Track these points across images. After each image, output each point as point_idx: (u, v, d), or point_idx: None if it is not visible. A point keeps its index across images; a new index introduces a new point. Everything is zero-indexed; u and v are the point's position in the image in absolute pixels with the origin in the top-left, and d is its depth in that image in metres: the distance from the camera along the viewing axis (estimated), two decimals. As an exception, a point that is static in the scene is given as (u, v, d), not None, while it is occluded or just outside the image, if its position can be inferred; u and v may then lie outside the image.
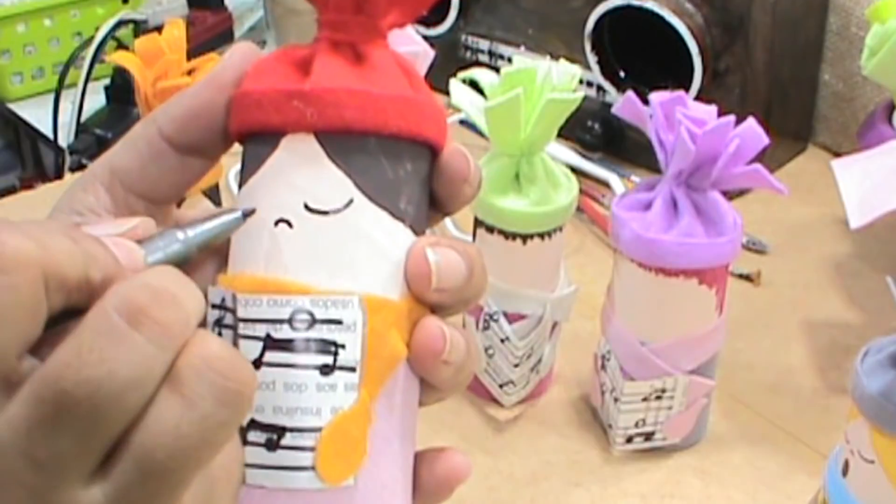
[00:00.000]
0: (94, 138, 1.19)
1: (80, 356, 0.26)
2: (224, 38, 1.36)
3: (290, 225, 0.31)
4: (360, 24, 0.33)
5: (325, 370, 0.31)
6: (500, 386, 0.70)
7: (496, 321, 0.67)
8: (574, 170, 0.73)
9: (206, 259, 0.34)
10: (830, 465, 0.54)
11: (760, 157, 0.59)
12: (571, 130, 0.93)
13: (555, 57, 0.69)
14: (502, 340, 0.68)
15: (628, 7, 0.90)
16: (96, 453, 0.27)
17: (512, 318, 0.67)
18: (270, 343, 0.31)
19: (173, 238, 0.31)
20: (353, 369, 0.31)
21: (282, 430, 0.31)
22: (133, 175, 0.34)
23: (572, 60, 0.66)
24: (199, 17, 1.32)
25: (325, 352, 0.31)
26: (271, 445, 0.31)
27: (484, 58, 1.08)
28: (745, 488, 0.65)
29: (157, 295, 0.27)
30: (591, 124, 0.98)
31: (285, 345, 0.31)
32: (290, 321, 0.31)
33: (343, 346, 0.31)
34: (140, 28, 1.23)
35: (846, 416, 0.51)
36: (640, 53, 0.95)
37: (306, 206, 0.31)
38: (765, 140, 0.59)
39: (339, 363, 0.31)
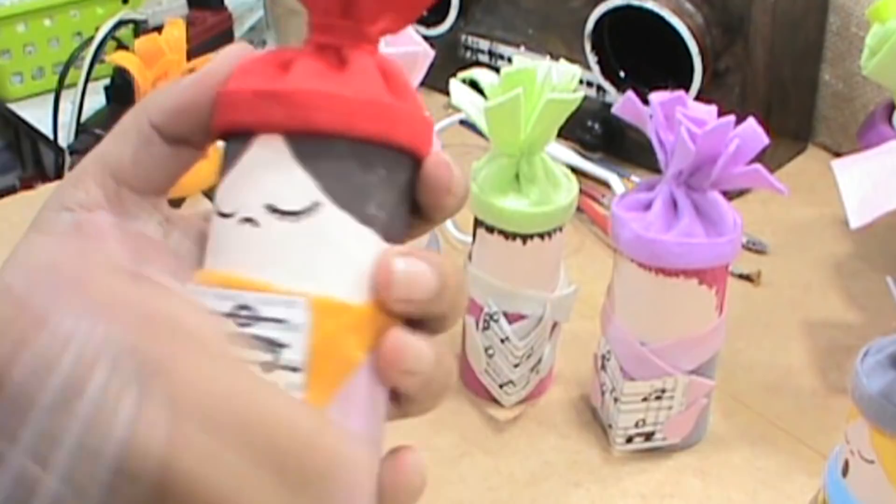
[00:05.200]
0: (94, 138, 1.19)
1: None
2: (224, 38, 1.36)
3: (254, 224, 0.31)
4: (347, 28, 0.32)
5: (266, 367, 0.30)
6: (500, 386, 0.70)
7: (496, 321, 0.67)
8: (574, 170, 0.73)
9: (191, 249, 0.34)
10: (830, 465, 0.54)
11: (760, 157, 0.59)
12: (571, 130, 0.93)
13: (555, 57, 0.69)
14: (502, 340, 0.68)
15: (628, 7, 0.90)
16: None
17: (512, 318, 0.67)
18: None
19: None
20: (295, 369, 0.30)
21: None
22: (124, 166, 0.34)
23: (572, 60, 0.66)
24: (199, 17, 1.32)
25: (265, 350, 0.30)
26: None
27: (484, 58, 1.08)
28: (745, 488, 0.65)
29: None
30: (591, 124, 0.98)
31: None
32: (232, 315, 0.31)
33: (287, 346, 0.30)
34: (140, 28, 1.23)
35: (846, 416, 0.51)
36: (640, 53, 0.95)
37: (271, 207, 0.31)
38: (765, 140, 0.59)
39: (281, 362, 0.30)
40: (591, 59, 0.95)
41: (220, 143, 0.34)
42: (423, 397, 0.33)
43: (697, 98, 0.83)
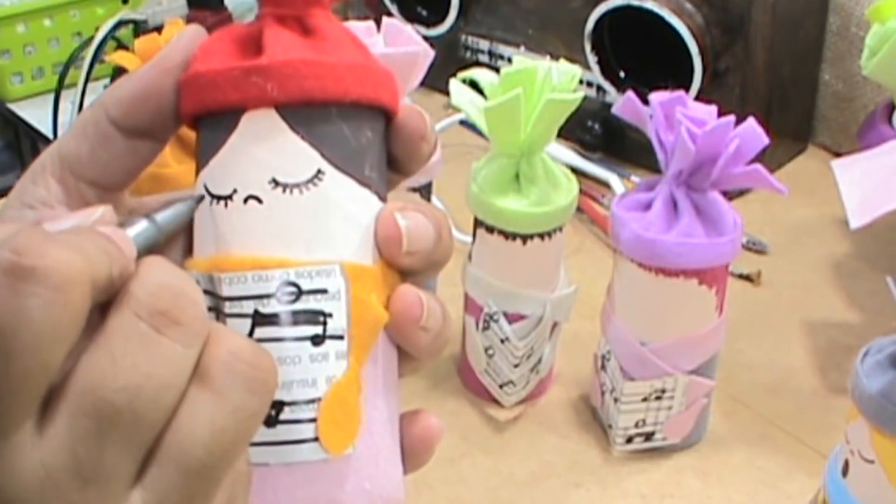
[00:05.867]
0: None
1: (114, 364, 0.27)
2: (224, 38, 1.36)
3: (259, 201, 0.31)
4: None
5: (317, 340, 0.31)
6: (500, 386, 0.70)
7: (496, 321, 0.67)
8: (574, 170, 0.73)
9: (169, 245, 0.34)
10: (830, 465, 0.54)
11: (760, 157, 0.59)
12: (571, 130, 0.93)
13: (555, 57, 0.69)
14: (502, 340, 0.68)
15: (628, 7, 0.90)
16: (138, 461, 0.27)
17: (512, 319, 0.67)
18: (259, 319, 0.31)
19: (145, 226, 0.31)
20: (341, 337, 0.31)
21: (280, 405, 0.30)
22: (83, 161, 0.33)
23: (572, 60, 0.66)
24: (199, 17, 1.32)
25: (314, 322, 0.31)
26: (270, 422, 0.30)
27: (484, 58, 1.08)
28: (745, 488, 0.65)
29: (175, 295, 0.28)
30: (591, 124, 0.98)
31: (274, 319, 0.31)
32: (276, 295, 0.31)
33: (331, 315, 0.31)
34: (140, 28, 1.23)
35: (846, 416, 0.51)
36: (640, 53, 0.95)
37: (274, 181, 0.31)
38: (765, 140, 0.59)
39: (328, 332, 0.31)
40: (591, 59, 0.95)
41: (189, 129, 0.33)
42: (428, 352, 0.34)
43: (697, 98, 0.83)
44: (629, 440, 0.67)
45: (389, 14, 1.09)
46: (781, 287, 0.84)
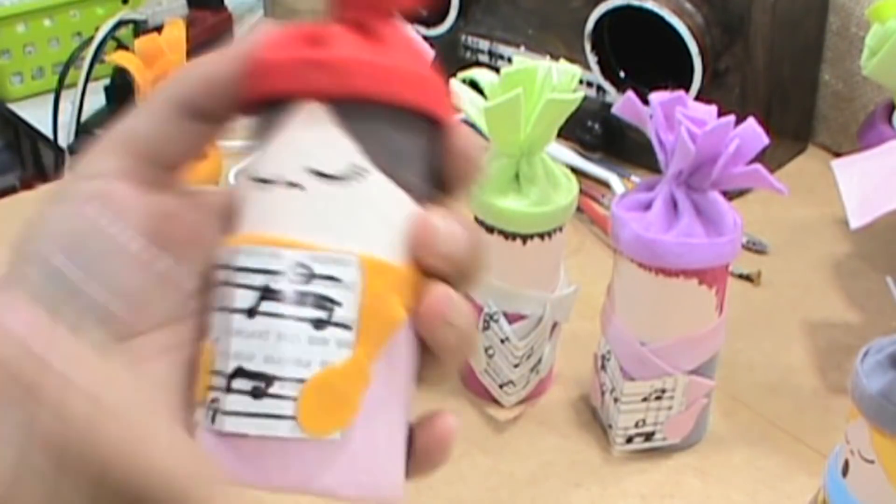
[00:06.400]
0: (95, 138, 1.19)
1: None
2: (224, 38, 1.36)
3: (300, 188, 0.32)
4: (368, 3, 0.34)
5: (319, 324, 0.31)
6: (500, 386, 0.70)
7: (496, 321, 0.67)
8: (574, 170, 0.73)
9: (211, 223, 0.34)
10: (830, 465, 0.54)
11: (760, 157, 0.59)
12: (571, 130, 0.93)
13: (555, 57, 0.69)
14: (502, 341, 0.68)
15: (628, 7, 0.90)
16: None
17: (512, 319, 0.67)
18: (267, 293, 0.31)
19: None
20: (348, 327, 0.32)
21: (270, 379, 0.31)
22: (146, 139, 0.34)
23: (572, 60, 0.66)
24: (199, 17, 1.32)
25: (320, 307, 0.31)
26: (258, 393, 0.31)
27: (484, 58, 1.08)
28: (745, 488, 0.65)
29: None
30: (591, 124, 0.98)
31: (281, 296, 0.31)
32: (287, 273, 0.31)
33: (339, 304, 0.31)
34: (140, 28, 1.23)
35: (846, 416, 0.51)
36: (640, 53, 0.95)
37: (316, 171, 0.32)
38: (765, 140, 0.59)
39: (333, 319, 0.31)
40: (591, 59, 0.95)
41: (249, 115, 0.34)
42: (454, 354, 0.34)
43: (697, 98, 0.83)
44: (629, 440, 0.67)
45: (389, 14, 1.08)
46: (781, 287, 0.84)
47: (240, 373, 0.31)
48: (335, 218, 0.32)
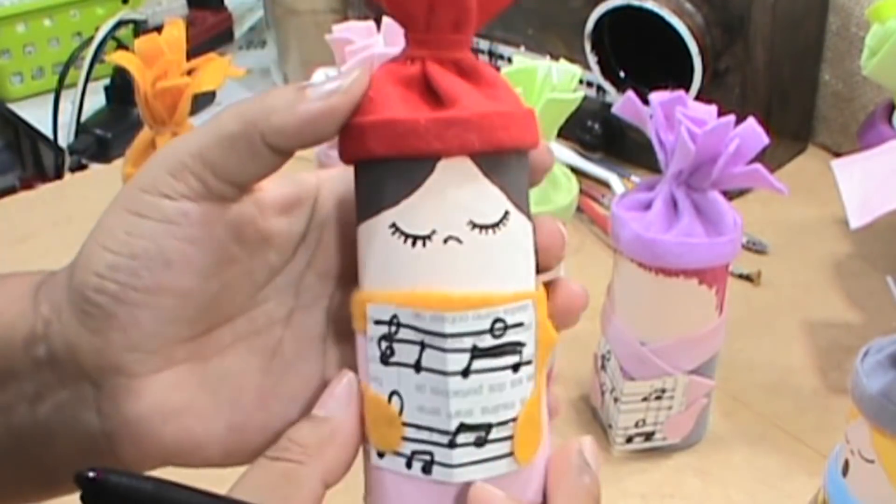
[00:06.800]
0: (94, 138, 1.19)
1: None
2: (224, 38, 1.36)
3: (459, 241, 0.34)
4: (455, 41, 0.35)
5: (515, 368, 0.34)
6: (500, 386, 0.70)
7: (496, 321, 0.67)
8: (574, 170, 0.73)
9: (277, 218, 0.37)
10: (830, 465, 0.54)
11: (760, 157, 0.59)
12: (571, 130, 0.93)
13: (555, 57, 0.69)
14: (502, 340, 0.68)
15: (628, 7, 0.90)
16: None
17: (512, 318, 0.67)
18: (477, 352, 0.34)
19: None
20: (530, 362, 0.35)
21: (489, 427, 0.34)
22: (229, 170, 0.35)
23: (572, 60, 0.66)
24: (198, 17, 1.32)
25: (514, 352, 0.34)
26: (480, 442, 0.34)
27: (484, 58, 1.08)
28: (745, 488, 0.65)
29: None
30: (591, 124, 0.98)
31: (488, 352, 0.34)
32: (491, 331, 0.34)
33: (525, 344, 0.35)
34: (140, 28, 1.23)
35: (846, 416, 0.51)
36: (640, 53, 0.95)
37: (472, 223, 0.34)
38: (765, 140, 0.59)
39: (523, 359, 0.35)
40: (591, 59, 0.95)
41: (360, 166, 0.36)
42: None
43: (697, 98, 0.82)
44: (629, 440, 0.67)
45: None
46: (781, 287, 0.84)
47: (462, 428, 0.34)
48: (497, 265, 0.34)
